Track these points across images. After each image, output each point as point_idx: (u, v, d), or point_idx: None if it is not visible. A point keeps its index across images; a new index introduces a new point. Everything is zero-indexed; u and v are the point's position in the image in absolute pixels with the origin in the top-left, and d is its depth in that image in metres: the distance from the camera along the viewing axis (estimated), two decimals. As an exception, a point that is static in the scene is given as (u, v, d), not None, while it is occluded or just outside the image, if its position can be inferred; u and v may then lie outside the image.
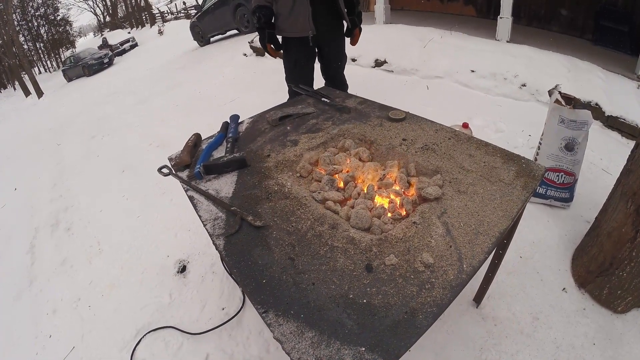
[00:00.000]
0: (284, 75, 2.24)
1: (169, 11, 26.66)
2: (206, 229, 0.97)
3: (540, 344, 1.30)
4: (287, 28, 2.01)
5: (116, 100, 6.36)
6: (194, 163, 1.25)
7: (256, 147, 1.30)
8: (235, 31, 8.71)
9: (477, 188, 0.97)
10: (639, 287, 1.28)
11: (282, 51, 2.14)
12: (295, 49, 2.08)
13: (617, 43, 3.37)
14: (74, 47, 30.25)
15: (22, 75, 16.14)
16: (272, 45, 2.08)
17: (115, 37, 22.76)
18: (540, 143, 1.80)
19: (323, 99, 1.59)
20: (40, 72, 27.41)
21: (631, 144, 2.23)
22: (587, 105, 2.50)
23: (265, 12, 1.96)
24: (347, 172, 1.13)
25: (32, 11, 25.69)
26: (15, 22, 20.76)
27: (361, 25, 2.18)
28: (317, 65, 2.25)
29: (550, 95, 1.83)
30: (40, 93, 13.84)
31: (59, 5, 28.02)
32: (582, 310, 1.39)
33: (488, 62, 3.19)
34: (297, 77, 2.10)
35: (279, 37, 2.10)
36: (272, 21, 2.03)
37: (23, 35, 24.68)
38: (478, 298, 1.42)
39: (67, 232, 2.62)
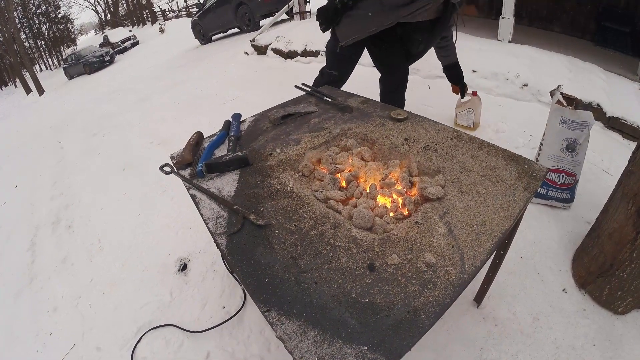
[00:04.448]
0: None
1: (170, 9, 26.66)
2: (208, 227, 0.97)
3: (540, 344, 1.30)
4: (343, 22, 1.91)
5: (117, 98, 6.35)
6: (195, 161, 1.25)
7: (258, 146, 1.31)
8: (236, 30, 8.71)
9: (479, 188, 0.97)
10: (639, 289, 1.28)
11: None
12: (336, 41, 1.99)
13: (619, 44, 3.37)
14: (75, 45, 30.27)
15: (23, 73, 16.17)
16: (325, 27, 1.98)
17: (116, 35, 22.78)
18: (541, 144, 1.81)
19: (325, 98, 1.59)
20: (41, 70, 27.45)
21: (632, 145, 2.23)
22: (588, 106, 2.50)
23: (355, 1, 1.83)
24: (350, 171, 1.13)
25: (34, 9, 25.69)
26: (17, 19, 20.76)
27: None
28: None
29: (551, 96, 1.82)
30: (41, 91, 13.85)
31: (60, 2, 28.03)
32: (582, 311, 1.39)
33: (490, 62, 3.19)
34: (335, 66, 2.07)
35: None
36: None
37: (24, 33, 24.70)
38: (479, 298, 1.42)
39: (67, 229, 2.62)
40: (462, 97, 2.29)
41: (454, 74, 2.14)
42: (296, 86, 1.75)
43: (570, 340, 1.30)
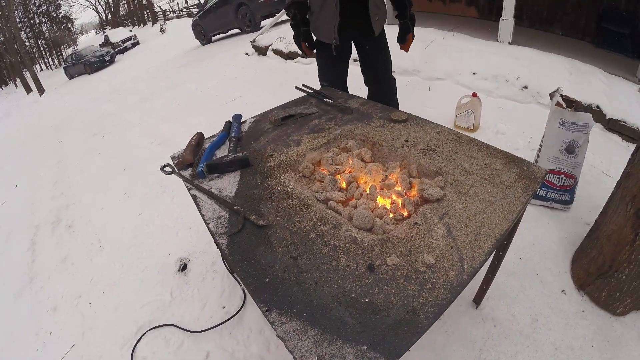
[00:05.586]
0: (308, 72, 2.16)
1: (170, 9, 26.71)
2: (209, 227, 0.98)
3: (539, 345, 1.30)
4: (315, 29, 1.93)
5: (117, 98, 6.36)
6: (196, 162, 1.26)
7: (259, 147, 1.31)
8: (237, 30, 8.73)
9: (478, 190, 0.97)
10: (637, 290, 1.29)
11: (315, 50, 2.02)
12: (326, 48, 1.96)
13: (619, 46, 3.37)
14: (76, 45, 30.27)
15: (24, 73, 16.17)
16: (306, 44, 1.96)
17: (117, 35, 22.77)
18: (541, 145, 1.81)
19: (325, 99, 1.60)
20: (41, 70, 27.40)
21: (631, 147, 2.24)
22: (588, 108, 2.51)
23: (300, 9, 1.84)
24: (350, 172, 1.14)
25: (34, 8, 25.69)
26: (17, 19, 20.78)
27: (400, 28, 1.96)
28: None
29: (551, 98, 1.83)
30: (41, 90, 13.86)
31: (61, 2, 28.03)
32: (581, 312, 1.39)
33: (490, 64, 3.19)
34: (329, 76, 2.01)
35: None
36: (307, 17, 1.91)
37: (25, 33, 24.69)
38: (478, 299, 1.43)
39: (68, 229, 2.62)
40: (402, 41, 1.99)
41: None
42: (297, 87, 1.75)
43: (569, 341, 1.30)
